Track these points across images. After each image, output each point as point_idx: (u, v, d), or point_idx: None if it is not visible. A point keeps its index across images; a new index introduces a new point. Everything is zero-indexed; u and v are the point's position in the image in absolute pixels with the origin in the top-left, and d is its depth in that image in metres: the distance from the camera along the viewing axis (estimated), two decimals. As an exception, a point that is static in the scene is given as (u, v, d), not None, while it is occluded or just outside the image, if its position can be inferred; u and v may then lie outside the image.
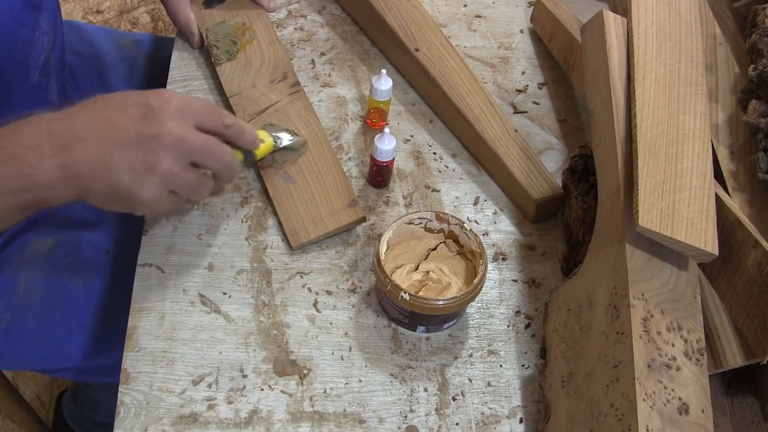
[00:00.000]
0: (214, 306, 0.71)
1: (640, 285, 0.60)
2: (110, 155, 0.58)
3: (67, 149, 0.58)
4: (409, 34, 0.88)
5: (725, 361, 0.63)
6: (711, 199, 0.62)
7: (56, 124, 0.59)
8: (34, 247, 0.82)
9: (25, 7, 0.73)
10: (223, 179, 0.65)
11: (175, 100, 0.60)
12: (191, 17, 0.89)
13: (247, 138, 0.68)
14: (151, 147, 0.58)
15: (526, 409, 0.67)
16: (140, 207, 0.60)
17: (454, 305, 0.65)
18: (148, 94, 0.61)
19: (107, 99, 0.61)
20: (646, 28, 0.72)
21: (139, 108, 0.59)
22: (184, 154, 0.60)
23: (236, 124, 0.66)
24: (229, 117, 0.65)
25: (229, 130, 0.65)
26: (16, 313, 0.81)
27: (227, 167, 0.64)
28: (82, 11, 2.03)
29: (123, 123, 0.59)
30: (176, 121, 0.60)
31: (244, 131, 0.67)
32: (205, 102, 0.64)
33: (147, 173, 0.59)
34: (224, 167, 0.64)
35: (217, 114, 0.64)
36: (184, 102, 0.61)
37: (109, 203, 0.61)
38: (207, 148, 0.62)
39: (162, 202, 0.61)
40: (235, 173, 0.66)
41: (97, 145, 0.58)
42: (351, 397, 0.66)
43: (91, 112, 0.60)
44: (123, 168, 0.58)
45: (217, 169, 0.64)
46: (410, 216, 0.70)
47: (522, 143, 0.81)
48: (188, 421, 0.64)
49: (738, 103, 0.74)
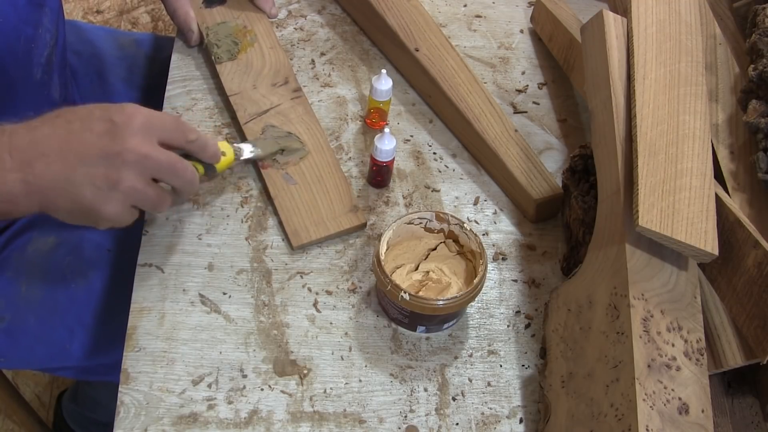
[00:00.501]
0: (214, 306, 0.71)
1: (640, 285, 0.60)
2: (73, 171, 0.58)
3: (30, 164, 0.58)
4: (409, 34, 0.88)
5: (725, 361, 0.63)
6: (711, 199, 0.62)
7: (18, 137, 0.59)
8: (35, 246, 0.82)
9: (28, 5, 0.74)
10: (182, 194, 0.66)
11: (139, 115, 0.60)
12: (190, 14, 0.89)
13: (209, 152, 0.68)
14: (114, 163, 0.58)
15: (526, 409, 0.67)
16: (102, 222, 0.61)
17: (454, 305, 0.65)
18: (113, 109, 0.61)
19: (71, 114, 0.61)
20: (646, 28, 0.72)
21: (103, 124, 0.59)
22: (146, 171, 0.60)
23: (199, 138, 0.66)
24: (192, 132, 0.65)
25: (192, 145, 0.65)
26: (18, 313, 0.81)
27: (188, 183, 0.64)
28: (82, 11, 2.03)
29: (86, 139, 0.59)
30: (140, 137, 0.59)
31: (207, 145, 0.67)
32: (170, 117, 0.64)
33: (109, 189, 0.59)
34: (185, 183, 0.64)
35: (181, 129, 0.64)
36: (148, 118, 0.61)
37: (71, 217, 0.61)
38: (169, 165, 0.62)
39: (124, 216, 0.61)
40: (194, 189, 0.66)
41: (60, 161, 0.58)
42: (351, 397, 0.66)
43: (55, 126, 0.60)
44: (86, 184, 0.58)
45: (178, 186, 0.64)
46: (410, 216, 0.70)
47: (522, 143, 0.81)
48: (188, 421, 0.64)
49: (738, 103, 0.74)
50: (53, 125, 0.60)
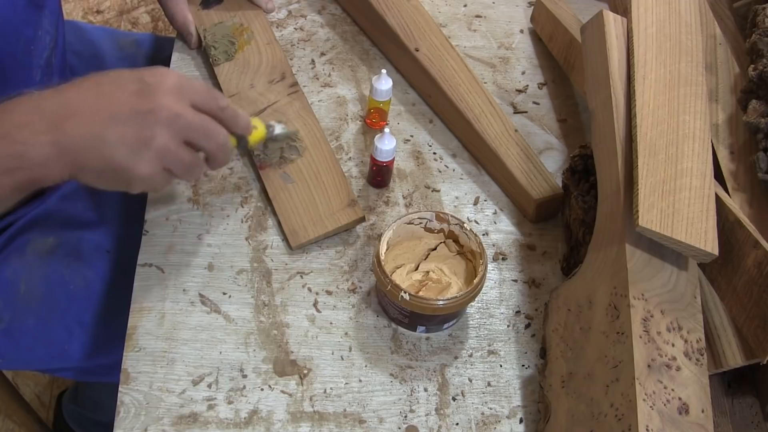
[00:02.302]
0: (214, 306, 0.71)
1: (640, 285, 0.60)
2: (104, 129, 0.57)
3: (60, 125, 0.56)
4: (409, 34, 0.88)
5: (725, 361, 0.63)
6: (711, 199, 0.62)
7: (48, 100, 0.57)
8: (34, 246, 0.82)
9: (27, 6, 0.73)
10: (215, 161, 0.64)
11: (171, 76, 0.59)
12: (189, 18, 0.89)
13: (241, 122, 0.66)
14: (146, 121, 0.57)
15: (526, 409, 0.67)
16: (135, 183, 0.59)
17: (454, 305, 0.65)
18: (143, 70, 0.60)
19: (101, 75, 0.60)
20: (646, 28, 0.72)
21: (134, 83, 0.58)
22: (179, 131, 0.59)
23: (230, 107, 0.64)
24: (224, 99, 0.63)
25: (224, 113, 0.63)
26: (17, 313, 0.80)
27: (221, 148, 0.63)
28: (82, 11, 2.03)
29: (117, 98, 0.58)
30: (172, 97, 0.58)
31: (238, 115, 0.66)
32: (202, 83, 0.63)
33: (142, 147, 0.57)
34: (218, 147, 0.63)
35: (213, 95, 0.62)
36: (180, 80, 0.60)
37: (103, 180, 0.59)
38: (202, 126, 0.60)
39: (156, 179, 0.60)
40: (227, 156, 0.65)
41: (91, 120, 0.57)
42: (351, 397, 0.66)
43: (84, 87, 0.59)
44: (117, 142, 0.57)
45: (211, 149, 0.62)
46: (410, 216, 0.70)
47: (522, 143, 0.81)
48: (188, 421, 0.64)
49: (738, 103, 0.74)
50: (83, 87, 0.59)
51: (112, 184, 0.60)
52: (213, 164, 0.65)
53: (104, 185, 0.60)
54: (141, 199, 0.77)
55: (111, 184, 0.60)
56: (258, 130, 0.71)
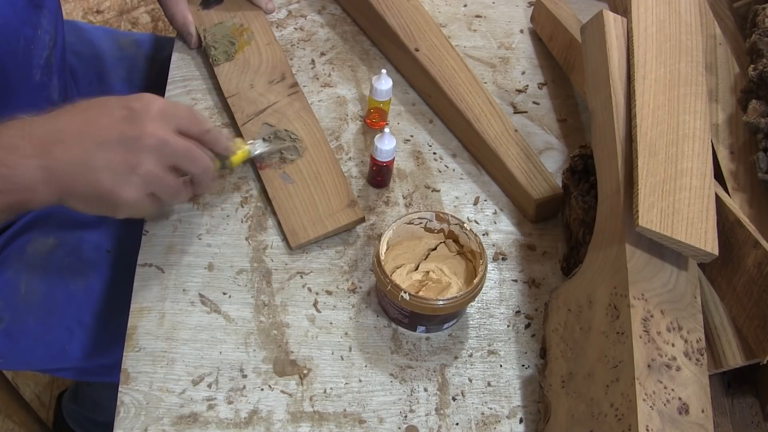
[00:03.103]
0: (214, 306, 0.71)
1: (640, 285, 0.60)
2: (91, 156, 0.58)
3: (48, 150, 0.58)
4: (409, 34, 0.88)
5: (725, 361, 0.63)
6: (711, 199, 0.62)
7: (37, 126, 0.59)
8: (34, 247, 0.82)
9: (27, 6, 0.74)
10: (199, 185, 0.66)
11: (157, 103, 0.61)
12: (189, 18, 0.89)
13: (222, 144, 0.68)
14: (132, 148, 0.58)
15: (526, 409, 0.67)
16: (121, 208, 0.60)
17: (454, 305, 0.65)
18: (130, 97, 0.61)
19: (88, 102, 0.61)
20: (646, 28, 0.72)
21: (121, 110, 0.60)
22: (165, 157, 0.60)
23: (213, 130, 0.66)
24: (207, 123, 0.65)
25: (207, 136, 0.65)
26: (17, 313, 0.81)
27: (205, 172, 0.65)
28: (82, 11, 2.03)
29: (105, 124, 0.59)
30: (158, 123, 0.60)
31: (221, 138, 0.68)
32: (186, 107, 0.64)
33: (128, 173, 0.59)
34: (203, 172, 0.64)
35: (197, 119, 0.64)
36: (165, 106, 0.61)
37: (89, 205, 0.61)
38: (188, 152, 0.62)
39: (142, 204, 0.61)
40: (210, 181, 0.66)
41: (79, 146, 0.58)
42: (351, 397, 0.66)
43: (72, 114, 0.60)
44: (104, 168, 0.58)
45: (196, 174, 0.64)
46: (410, 216, 0.70)
47: (522, 143, 0.81)
48: (188, 421, 0.64)
49: (738, 103, 0.74)
50: (71, 113, 0.60)
51: (98, 209, 0.61)
52: (197, 188, 0.66)
53: (91, 210, 0.61)
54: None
55: (97, 209, 0.61)
56: (241, 150, 0.73)
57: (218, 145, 0.67)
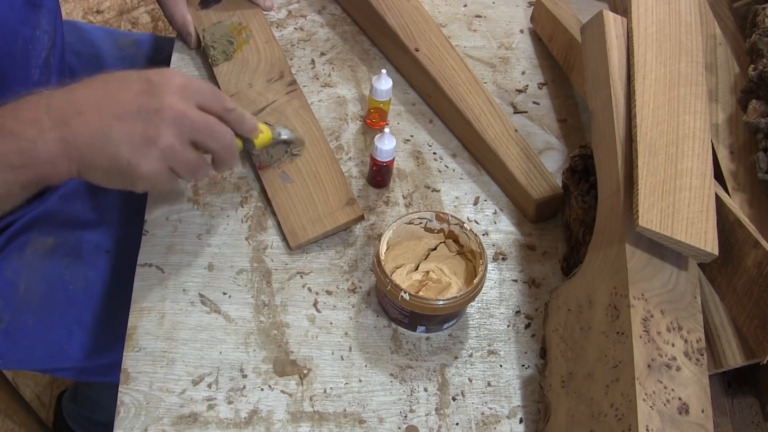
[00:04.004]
0: (214, 306, 0.71)
1: (640, 285, 0.60)
2: (110, 127, 0.57)
3: (67, 122, 0.57)
4: (409, 34, 0.88)
5: (725, 361, 0.63)
6: (711, 199, 0.62)
7: (55, 99, 0.58)
8: (34, 246, 0.82)
9: (25, 6, 0.73)
10: (221, 163, 0.64)
11: (177, 77, 0.60)
12: (188, 18, 0.89)
13: (247, 125, 0.67)
14: (152, 120, 0.58)
15: (526, 409, 0.67)
16: (140, 181, 0.59)
17: (454, 305, 0.65)
18: (150, 71, 0.60)
19: (108, 75, 0.60)
20: (646, 28, 0.72)
21: (141, 83, 0.59)
22: (185, 131, 0.59)
23: (237, 109, 0.65)
24: (230, 101, 0.64)
25: (230, 115, 0.64)
26: (17, 313, 0.80)
27: (227, 149, 0.63)
28: (82, 11, 2.03)
29: (124, 97, 0.58)
30: (178, 96, 0.59)
31: (244, 118, 0.66)
32: (208, 84, 0.63)
33: (147, 146, 0.58)
34: (224, 148, 0.63)
35: (218, 96, 0.63)
36: (186, 80, 0.60)
37: (108, 178, 0.60)
38: (208, 127, 0.61)
39: (161, 178, 0.60)
40: (233, 157, 0.65)
41: (97, 118, 0.57)
42: (351, 397, 0.66)
43: (91, 87, 0.59)
44: (123, 140, 0.57)
45: (216, 150, 0.63)
46: (410, 216, 0.70)
47: (522, 143, 0.81)
48: (188, 421, 0.64)
49: (738, 103, 0.74)
50: (90, 86, 0.59)
51: (116, 182, 0.60)
52: (219, 166, 0.65)
53: (109, 183, 0.60)
54: (141, 199, 0.77)
55: (116, 182, 0.60)
56: (264, 133, 0.71)
57: (242, 125, 0.66)
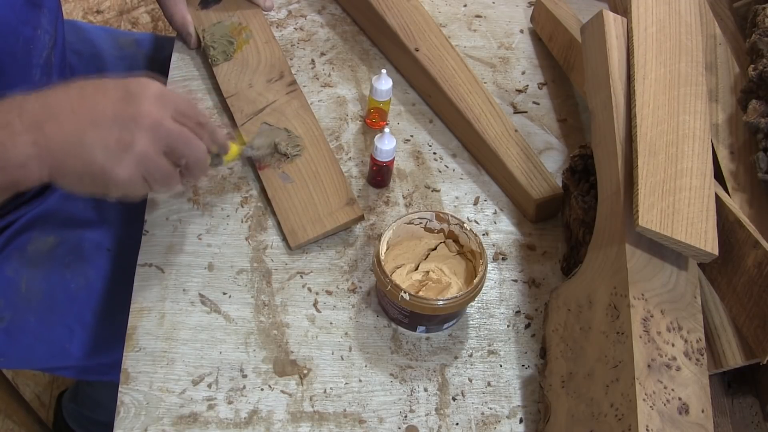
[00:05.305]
0: (214, 306, 0.71)
1: (640, 285, 0.60)
2: (85, 132, 0.57)
3: (40, 126, 0.56)
4: (409, 34, 0.88)
5: (725, 361, 0.63)
6: (711, 199, 0.62)
7: (29, 102, 0.58)
8: (35, 245, 0.82)
9: (26, 5, 0.73)
10: (191, 174, 0.64)
11: (154, 87, 0.60)
12: (188, 18, 0.89)
13: (219, 139, 0.67)
14: (128, 126, 0.58)
15: (526, 409, 0.67)
16: (113, 187, 0.59)
17: (454, 305, 0.65)
18: (127, 79, 0.60)
19: (85, 81, 0.60)
20: (646, 28, 0.72)
21: (118, 90, 0.59)
22: (160, 139, 0.59)
23: (210, 123, 0.65)
24: (204, 115, 0.64)
25: (203, 128, 0.64)
26: (18, 312, 0.81)
27: (199, 161, 0.63)
28: (82, 11, 2.03)
29: (100, 102, 0.58)
30: (155, 105, 0.59)
31: (216, 132, 0.67)
32: (184, 96, 0.63)
33: (122, 152, 0.58)
34: (196, 160, 0.63)
35: (194, 109, 0.63)
36: (163, 90, 0.61)
37: (81, 183, 0.59)
38: (182, 136, 0.61)
39: (134, 185, 0.60)
40: (203, 170, 0.65)
41: (72, 122, 0.57)
42: (351, 397, 0.66)
43: (67, 92, 0.59)
44: (98, 145, 0.57)
45: (189, 161, 0.63)
46: (410, 216, 0.70)
47: (522, 143, 0.81)
48: (188, 421, 0.64)
49: (738, 103, 0.74)
50: (65, 91, 0.59)
51: (89, 187, 0.60)
52: (188, 177, 0.65)
53: (82, 189, 0.60)
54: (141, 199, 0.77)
55: (89, 187, 0.60)
56: (233, 149, 0.72)
57: (214, 139, 0.66)
